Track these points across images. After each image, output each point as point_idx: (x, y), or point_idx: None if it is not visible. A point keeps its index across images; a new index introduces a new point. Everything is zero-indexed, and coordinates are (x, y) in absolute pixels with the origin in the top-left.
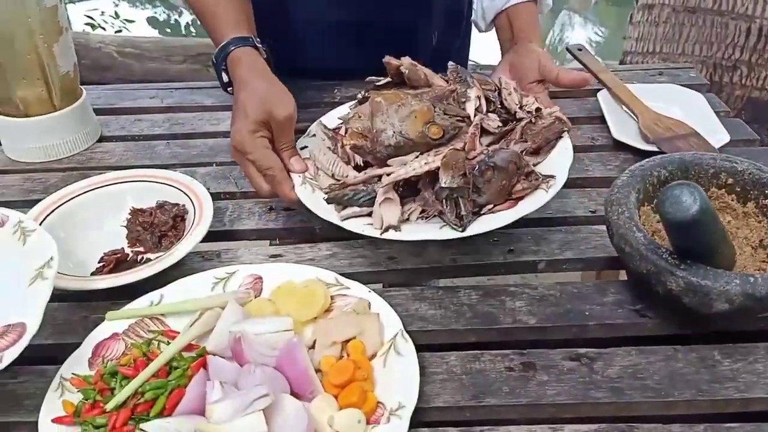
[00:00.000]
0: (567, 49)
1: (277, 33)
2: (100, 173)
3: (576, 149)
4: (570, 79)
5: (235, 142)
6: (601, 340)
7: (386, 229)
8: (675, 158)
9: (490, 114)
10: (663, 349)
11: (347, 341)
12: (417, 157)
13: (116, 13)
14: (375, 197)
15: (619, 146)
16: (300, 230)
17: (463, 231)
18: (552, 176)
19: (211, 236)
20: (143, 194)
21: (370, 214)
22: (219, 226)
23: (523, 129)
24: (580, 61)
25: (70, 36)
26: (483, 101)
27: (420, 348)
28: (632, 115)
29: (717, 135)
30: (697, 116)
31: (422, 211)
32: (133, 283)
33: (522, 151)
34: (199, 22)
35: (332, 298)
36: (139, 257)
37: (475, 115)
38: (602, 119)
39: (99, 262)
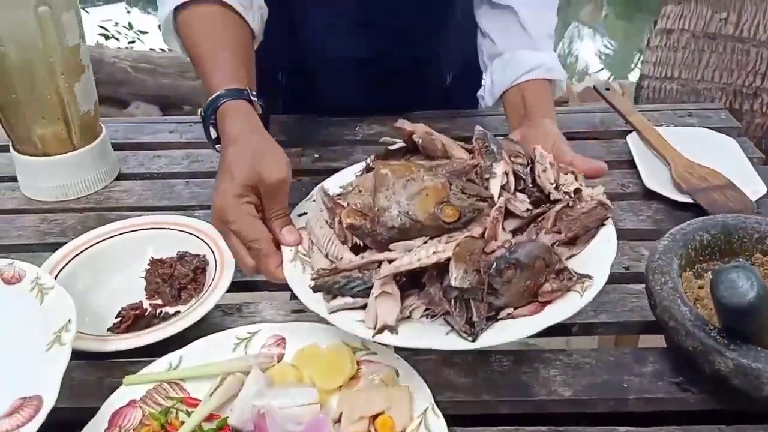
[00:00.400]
0: (594, 88)
1: (291, 70)
2: (118, 214)
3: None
4: (586, 167)
5: (216, 208)
6: (641, 416)
7: (380, 330)
8: (718, 221)
9: (518, 193)
10: (708, 429)
11: (375, 416)
12: (425, 243)
13: (130, 24)
14: (371, 287)
15: (651, 195)
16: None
17: (473, 341)
18: (588, 276)
19: (232, 286)
20: (164, 243)
21: (363, 306)
22: (239, 276)
23: (558, 214)
24: (608, 101)
25: (91, 74)
26: (511, 178)
27: (450, 420)
28: (663, 160)
29: (753, 186)
30: (731, 164)
31: (426, 309)
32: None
33: (553, 244)
34: (186, 56)
35: (358, 363)
36: (158, 311)
37: (499, 196)
38: (631, 164)
39: (116, 317)
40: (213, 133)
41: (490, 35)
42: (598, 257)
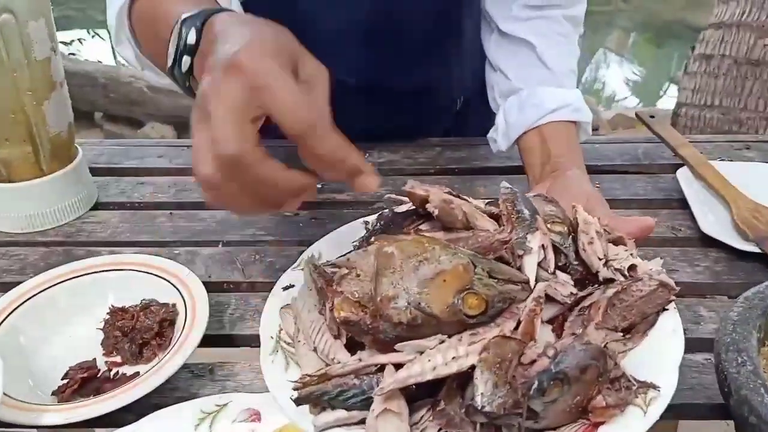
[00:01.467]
0: (636, 115)
1: None
2: (88, 250)
3: (653, 242)
4: (633, 230)
5: (245, 64)
6: None
7: None
8: None
9: (558, 272)
10: None
11: None
12: (441, 343)
13: None
14: (370, 398)
15: (708, 241)
16: None
17: None
18: (653, 386)
19: (206, 341)
20: (128, 287)
21: (362, 422)
22: (217, 328)
23: (609, 300)
24: (653, 131)
25: (66, 92)
26: (550, 253)
27: None
28: (723, 201)
29: None
30: None
31: (440, 430)
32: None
33: (606, 344)
34: (142, 53)
35: None
36: (113, 372)
37: (536, 278)
38: (683, 203)
39: (63, 378)
40: (192, 37)
41: (502, 69)
42: (660, 355)
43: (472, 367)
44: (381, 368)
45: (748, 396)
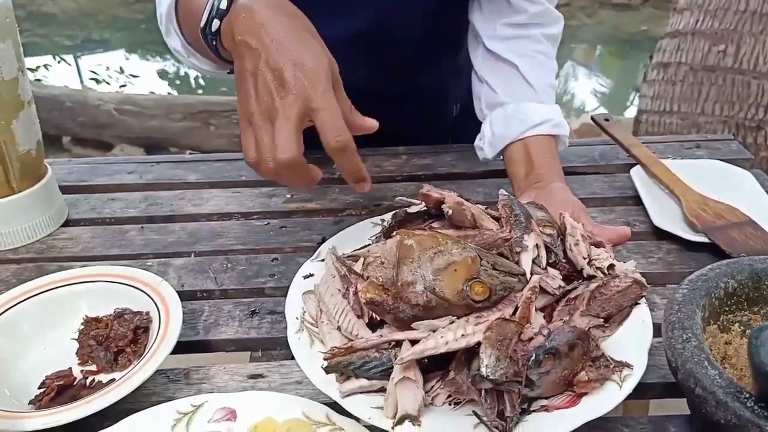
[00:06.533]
0: (592, 119)
1: None
2: (59, 265)
3: None
4: (611, 237)
5: (319, 70)
6: None
7: (401, 420)
8: (744, 265)
9: (549, 268)
10: None
11: None
12: (451, 323)
13: (121, 68)
14: (389, 368)
15: (661, 234)
16: (285, 340)
17: None
18: (628, 365)
19: (181, 347)
20: (101, 298)
21: (381, 390)
22: (191, 335)
23: (592, 294)
24: (608, 133)
25: (34, 110)
26: (542, 251)
27: None
28: (673, 196)
29: None
30: (748, 199)
31: (449, 396)
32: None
33: (590, 328)
34: (188, 44)
35: None
36: (89, 380)
37: (531, 271)
38: (637, 200)
39: (40, 388)
40: (224, 2)
41: (488, 82)
42: (633, 341)
43: (478, 344)
44: (398, 344)
45: (693, 369)
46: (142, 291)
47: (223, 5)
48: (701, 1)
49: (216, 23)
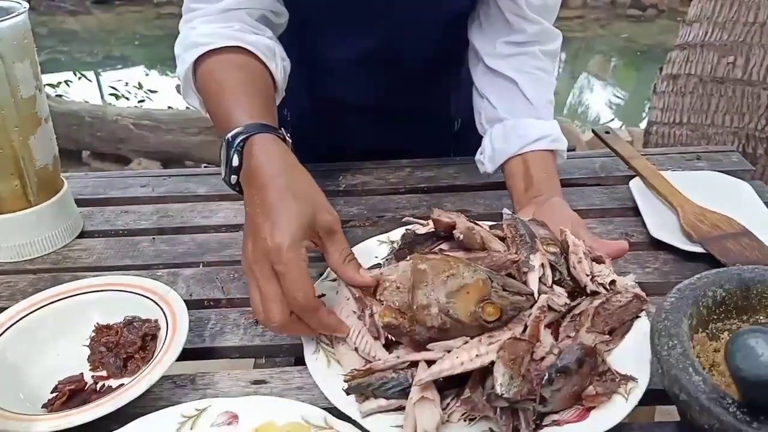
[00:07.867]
0: (593, 132)
1: (294, 115)
2: (74, 275)
3: None
4: (610, 251)
5: (271, 249)
6: None
7: None
8: (732, 274)
9: (555, 286)
10: None
11: None
12: (465, 343)
13: (140, 83)
14: (407, 388)
15: (658, 245)
16: (288, 348)
17: None
18: (632, 378)
19: (188, 354)
20: (112, 307)
21: (399, 408)
22: (198, 342)
23: (596, 309)
24: (608, 146)
25: (50, 127)
26: (548, 270)
27: None
28: (671, 207)
29: None
30: (746, 210)
31: (464, 414)
32: (83, 424)
33: (595, 345)
34: (206, 111)
35: None
36: (99, 385)
37: (539, 292)
38: (636, 211)
39: (52, 392)
40: (236, 161)
41: (488, 98)
42: (635, 354)
43: (492, 363)
44: (413, 364)
45: (678, 375)
46: (152, 300)
47: (235, 162)
48: (710, 13)
49: (234, 178)
